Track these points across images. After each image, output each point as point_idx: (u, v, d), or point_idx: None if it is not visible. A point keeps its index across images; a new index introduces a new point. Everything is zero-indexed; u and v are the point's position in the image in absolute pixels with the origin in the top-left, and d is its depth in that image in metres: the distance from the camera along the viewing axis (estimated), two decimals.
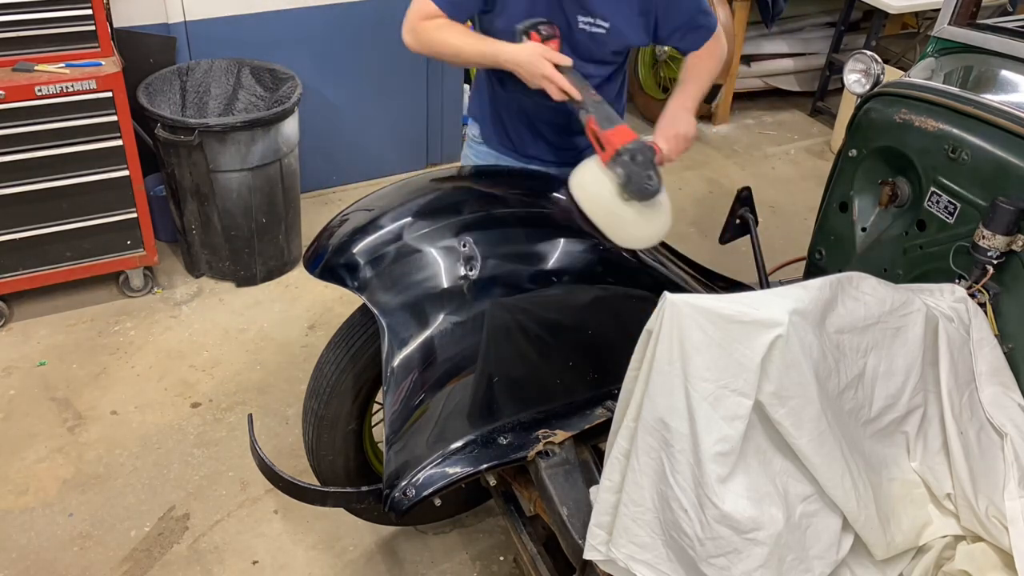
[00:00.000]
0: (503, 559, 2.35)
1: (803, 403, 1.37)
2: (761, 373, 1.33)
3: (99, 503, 2.44)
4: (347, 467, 2.06)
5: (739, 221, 2.40)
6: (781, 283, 2.37)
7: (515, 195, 1.99)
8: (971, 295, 1.75)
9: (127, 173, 2.94)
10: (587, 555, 1.50)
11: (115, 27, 3.13)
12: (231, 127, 2.94)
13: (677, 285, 1.96)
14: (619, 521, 1.43)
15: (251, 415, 1.91)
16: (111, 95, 2.79)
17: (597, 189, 1.84)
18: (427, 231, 1.79)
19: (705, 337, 1.33)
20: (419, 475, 1.67)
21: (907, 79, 2.14)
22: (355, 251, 1.79)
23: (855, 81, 2.23)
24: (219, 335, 3.09)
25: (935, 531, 1.58)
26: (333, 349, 1.96)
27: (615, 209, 1.82)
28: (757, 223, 2.40)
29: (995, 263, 1.76)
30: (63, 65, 2.76)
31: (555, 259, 1.83)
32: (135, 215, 3.03)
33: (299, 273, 3.42)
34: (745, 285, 2.20)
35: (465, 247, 1.76)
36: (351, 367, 1.92)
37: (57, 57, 2.77)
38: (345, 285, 1.77)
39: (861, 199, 2.22)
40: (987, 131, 1.85)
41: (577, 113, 1.86)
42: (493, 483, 1.82)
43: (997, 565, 1.51)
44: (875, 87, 2.18)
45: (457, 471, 1.68)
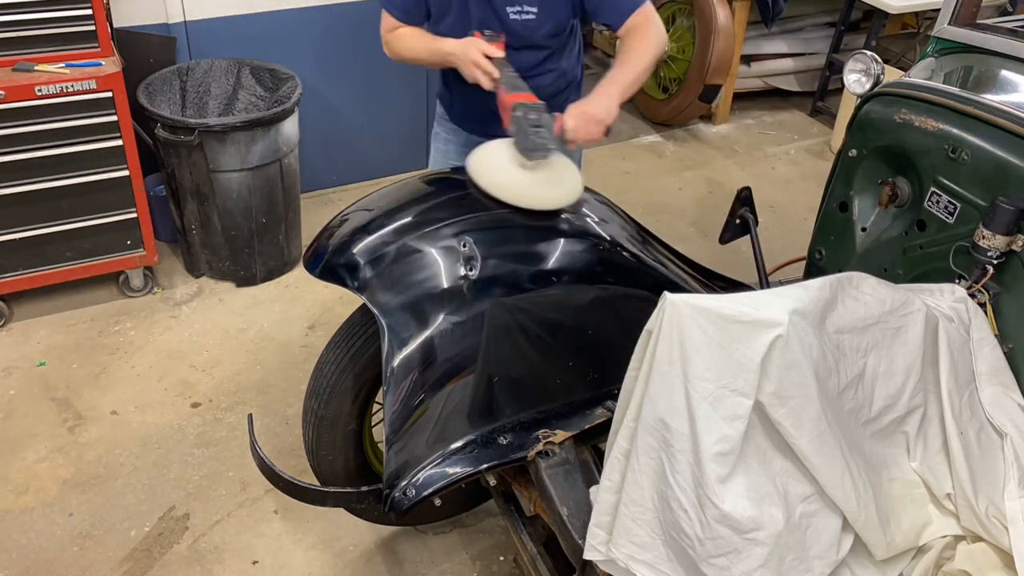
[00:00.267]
0: (503, 559, 2.35)
1: (803, 403, 1.37)
2: (761, 373, 1.33)
3: (99, 503, 2.44)
4: (347, 467, 2.06)
5: (739, 221, 2.41)
6: (781, 283, 2.37)
7: None
8: (971, 295, 1.75)
9: (127, 173, 2.94)
10: (587, 555, 1.50)
11: (115, 27, 3.13)
12: (231, 127, 2.94)
13: (677, 285, 1.96)
14: (619, 521, 1.43)
15: (251, 415, 1.91)
16: (111, 95, 2.79)
17: (493, 154, 1.89)
18: (427, 231, 1.79)
19: (705, 337, 1.33)
20: (419, 475, 1.67)
21: (907, 79, 2.14)
22: (355, 251, 1.79)
23: (855, 81, 2.23)
24: (219, 335, 3.09)
25: (935, 531, 1.58)
26: (333, 349, 1.96)
27: (510, 169, 1.85)
28: (757, 223, 2.40)
29: (995, 263, 1.76)
30: (63, 65, 2.76)
31: (555, 259, 1.83)
32: (135, 215, 3.03)
33: (299, 273, 3.42)
34: (745, 285, 2.21)
35: (465, 247, 1.76)
36: (351, 367, 1.92)
37: (57, 57, 2.77)
38: (345, 285, 1.77)
39: (861, 199, 2.22)
40: (987, 131, 1.85)
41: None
42: (493, 483, 1.82)
43: (997, 565, 1.51)
44: (875, 87, 2.18)
45: (457, 471, 1.68)
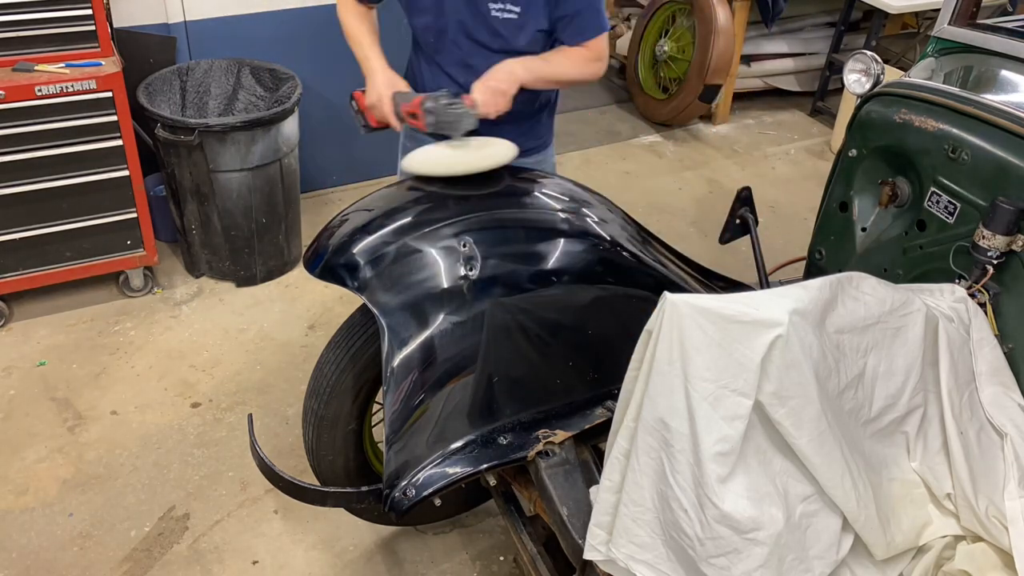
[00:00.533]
0: (503, 559, 2.36)
1: (803, 403, 1.37)
2: (761, 373, 1.33)
3: (99, 503, 2.44)
4: (347, 467, 2.06)
5: (739, 221, 2.41)
6: (781, 283, 2.37)
7: (515, 195, 1.99)
8: (971, 295, 1.75)
9: (127, 173, 2.94)
10: (587, 555, 1.50)
11: (115, 27, 3.13)
12: (231, 127, 2.94)
13: (677, 285, 1.96)
14: (619, 521, 1.43)
15: (251, 415, 1.91)
16: (111, 95, 2.79)
17: (424, 147, 1.94)
18: (427, 231, 1.79)
19: (705, 337, 1.33)
20: (419, 475, 1.67)
21: (907, 79, 2.14)
22: (355, 251, 1.79)
23: (855, 81, 2.23)
24: (219, 335, 3.09)
25: (935, 531, 1.58)
26: (333, 349, 1.96)
27: (442, 149, 1.92)
28: (757, 223, 2.40)
29: (995, 263, 1.76)
30: (63, 65, 2.76)
31: (555, 259, 1.83)
32: (135, 215, 3.03)
33: (299, 273, 3.42)
34: (745, 285, 2.20)
35: (465, 247, 1.76)
36: (351, 367, 1.92)
37: (57, 57, 2.77)
38: (345, 285, 1.77)
39: (861, 199, 2.22)
40: (987, 131, 1.85)
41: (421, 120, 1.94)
42: (493, 483, 1.82)
43: (997, 565, 1.51)
44: (875, 87, 2.18)
45: (457, 471, 1.68)
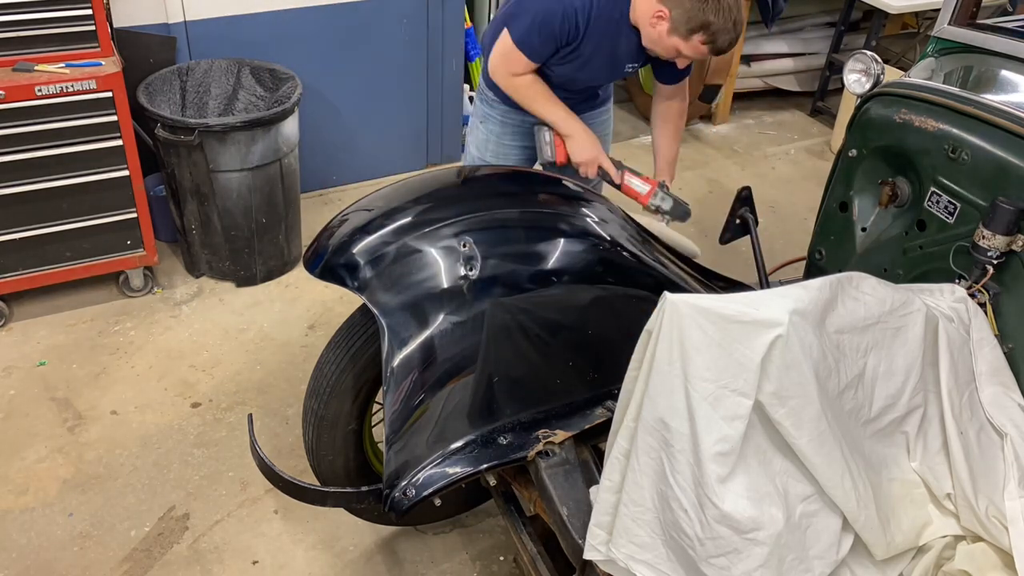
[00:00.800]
0: (503, 559, 2.35)
1: (803, 403, 1.37)
2: (761, 373, 1.33)
3: (99, 503, 2.44)
4: (347, 467, 2.06)
5: (739, 221, 2.40)
6: (781, 283, 2.37)
7: (515, 195, 2.00)
8: (971, 295, 1.75)
9: (127, 173, 2.94)
10: (587, 555, 1.50)
11: (115, 27, 3.13)
12: (231, 127, 2.94)
13: (677, 285, 1.96)
14: (619, 521, 1.43)
15: (251, 415, 1.92)
16: (111, 95, 2.78)
17: (660, 227, 2.38)
18: (427, 231, 1.79)
19: (705, 337, 1.33)
20: (419, 475, 1.67)
21: (907, 79, 2.14)
22: (355, 251, 1.79)
23: (855, 81, 2.23)
24: (219, 335, 3.09)
25: (935, 531, 1.58)
26: (333, 349, 1.96)
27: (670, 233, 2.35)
28: (757, 223, 2.40)
29: (995, 263, 1.76)
30: (63, 65, 2.76)
31: (555, 259, 1.83)
32: (135, 215, 3.02)
33: (299, 273, 3.42)
34: (745, 285, 2.20)
35: (465, 247, 1.76)
36: (351, 367, 1.92)
37: (57, 57, 2.77)
38: (345, 285, 1.77)
39: (861, 199, 2.22)
40: (987, 131, 1.85)
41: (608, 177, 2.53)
42: (493, 483, 1.82)
43: (997, 565, 1.51)
44: (875, 87, 2.18)
45: (457, 471, 1.68)
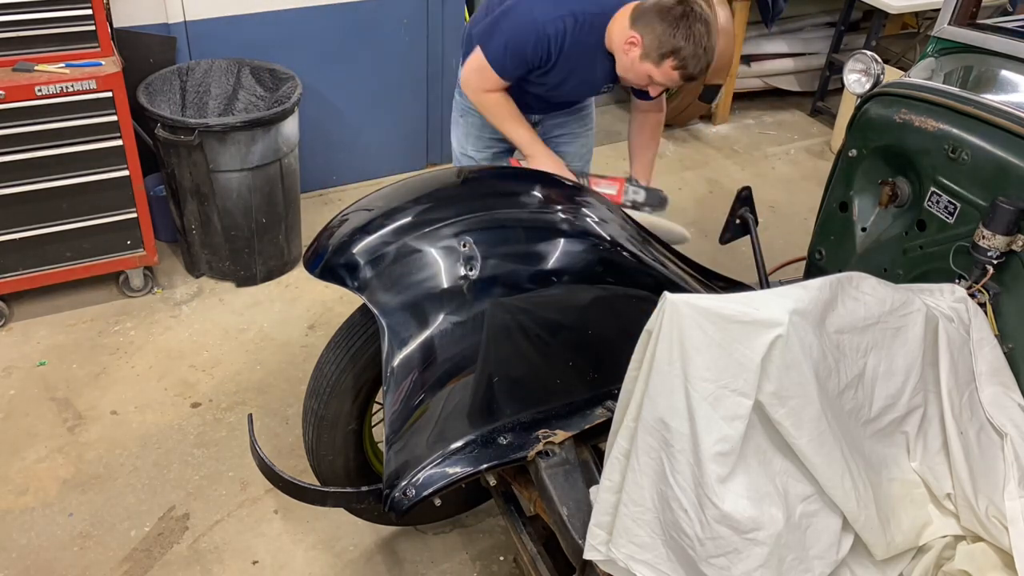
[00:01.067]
0: (503, 559, 2.35)
1: (803, 403, 1.37)
2: (761, 373, 1.33)
3: (99, 503, 2.44)
4: (347, 467, 2.06)
5: (739, 221, 2.40)
6: (781, 283, 2.37)
7: (515, 195, 1.99)
8: (971, 295, 1.75)
9: (127, 173, 2.94)
10: (587, 555, 1.50)
11: (115, 27, 3.13)
12: (231, 127, 2.94)
13: (677, 285, 1.96)
14: (619, 521, 1.43)
15: (251, 415, 1.92)
16: (111, 95, 2.78)
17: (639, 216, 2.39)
18: (427, 231, 1.79)
19: (705, 337, 1.33)
20: (419, 475, 1.67)
21: (907, 79, 2.14)
22: (355, 251, 1.79)
23: (855, 81, 2.23)
24: (219, 335, 3.09)
25: (935, 531, 1.58)
26: (333, 349, 1.96)
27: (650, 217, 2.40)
28: (757, 223, 2.40)
29: (995, 263, 1.76)
30: (63, 65, 2.76)
31: (555, 259, 1.83)
32: (135, 215, 3.02)
33: (299, 273, 3.42)
34: (745, 285, 2.20)
35: (465, 247, 1.76)
36: (351, 367, 1.92)
37: (57, 57, 2.77)
38: (345, 285, 1.77)
39: (861, 199, 2.22)
40: (987, 131, 1.85)
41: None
42: (493, 483, 1.82)
43: (997, 565, 1.51)
44: (875, 87, 2.18)
45: (457, 471, 1.68)
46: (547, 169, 2.38)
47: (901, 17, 4.98)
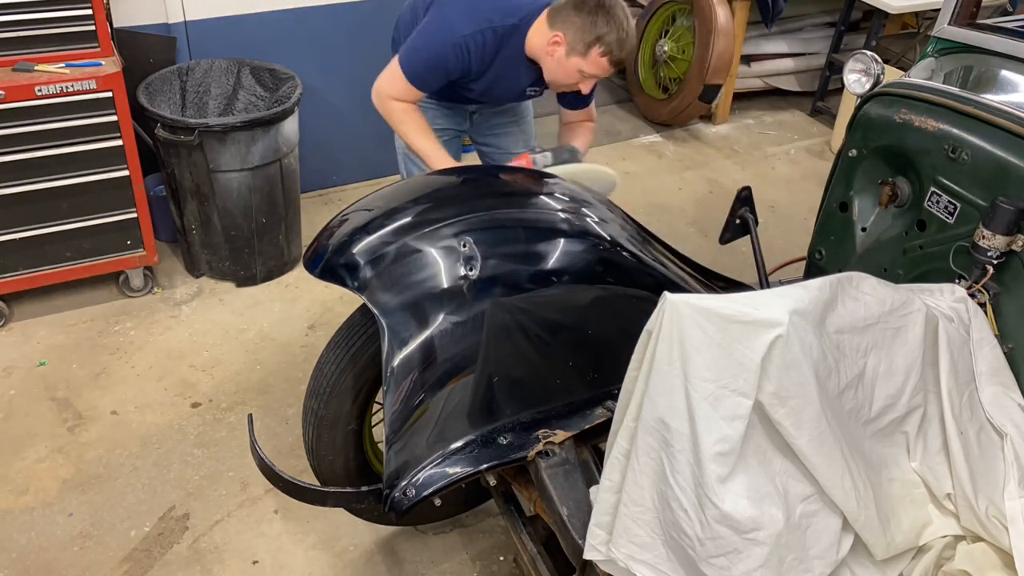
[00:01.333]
0: (503, 559, 2.36)
1: (803, 403, 1.37)
2: (761, 373, 1.33)
3: (99, 503, 2.44)
4: (347, 467, 2.06)
5: (739, 221, 2.40)
6: (781, 283, 2.37)
7: (515, 195, 2.00)
8: (971, 295, 1.75)
9: (127, 173, 2.94)
10: (587, 555, 1.50)
11: (115, 27, 3.13)
12: (231, 127, 2.94)
13: (677, 285, 1.96)
14: (619, 521, 1.43)
15: (251, 415, 1.91)
16: (111, 95, 2.78)
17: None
18: (427, 231, 1.79)
19: (705, 337, 1.33)
20: (419, 475, 1.67)
21: (907, 79, 2.14)
22: (355, 251, 1.79)
23: (855, 81, 2.23)
24: (219, 335, 3.09)
25: (935, 531, 1.58)
26: (333, 349, 1.96)
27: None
28: (757, 223, 2.40)
29: (995, 263, 1.76)
30: (63, 65, 2.76)
31: (555, 259, 1.83)
32: (135, 215, 3.03)
33: (299, 273, 3.42)
34: (745, 285, 2.21)
35: (465, 247, 1.76)
36: (351, 367, 1.92)
37: (57, 57, 2.77)
38: (345, 285, 1.77)
39: (861, 199, 2.22)
40: (987, 131, 1.85)
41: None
42: (493, 483, 1.82)
43: (997, 565, 1.51)
44: (875, 87, 2.18)
45: (457, 471, 1.68)
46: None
47: (901, 17, 4.98)
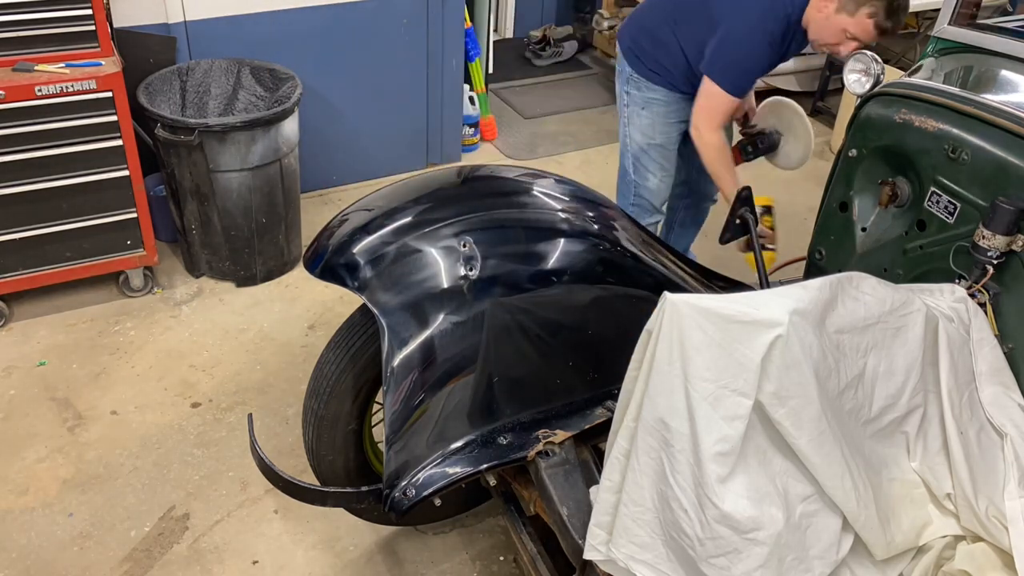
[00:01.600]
0: (503, 559, 2.35)
1: (803, 403, 1.37)
2: (761, 373, 1.33)
3: (99, 503, 2.44)
4: (347, 467, 2.06)
5: (739, 221, 2.40)
6: (781, 283, 2.37)
7: (515, 195, 1.99)
8: (971, 295, 1.75)
9: (127, 173, 2.94)
10: (587, 555, 1.50)
11: (115, 27, 3.13)
12: (231, 127, 2.94)
13: (677, 285, 1.96)
14: (619, 521, 1.43)
15: (251, 415, 1.92)
16: (111, 95, 2.78)
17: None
18: (427, 231, 1.79)
19: (705, 337, 1.33)
20: (419, 475, 1.67)
21: (907, 79, 2.14)
22: (355, 251, 1.79)
23: (855, 81, 2.23)
24: (219, 335, 3.09)
25: (935, 531, 1.58)
26: (333, 349, 1.96)
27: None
28: (757, 223, 2.40)
29: (995, 263, 1.75)
30: (63, 65, 2.76)
31: (555, 259, 1.83)
32: (135, 215, 3.03)
33: (299, 273, 3.42)
34: (745, 285, 2.21)
35: (465, 247, 1.76)
36: (351, 367, 1.92)
37: (57, 57, 2.77)
38: (345, 285, 1.77)
39: (861, 199, 2.21)
40: (987, 131, 1.85)
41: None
42: (493, 483, 1.82)
43: (997, 565, 1.51)
44: (875, 87, 2.18)
45: (457, 471, 1.68)
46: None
47: None
